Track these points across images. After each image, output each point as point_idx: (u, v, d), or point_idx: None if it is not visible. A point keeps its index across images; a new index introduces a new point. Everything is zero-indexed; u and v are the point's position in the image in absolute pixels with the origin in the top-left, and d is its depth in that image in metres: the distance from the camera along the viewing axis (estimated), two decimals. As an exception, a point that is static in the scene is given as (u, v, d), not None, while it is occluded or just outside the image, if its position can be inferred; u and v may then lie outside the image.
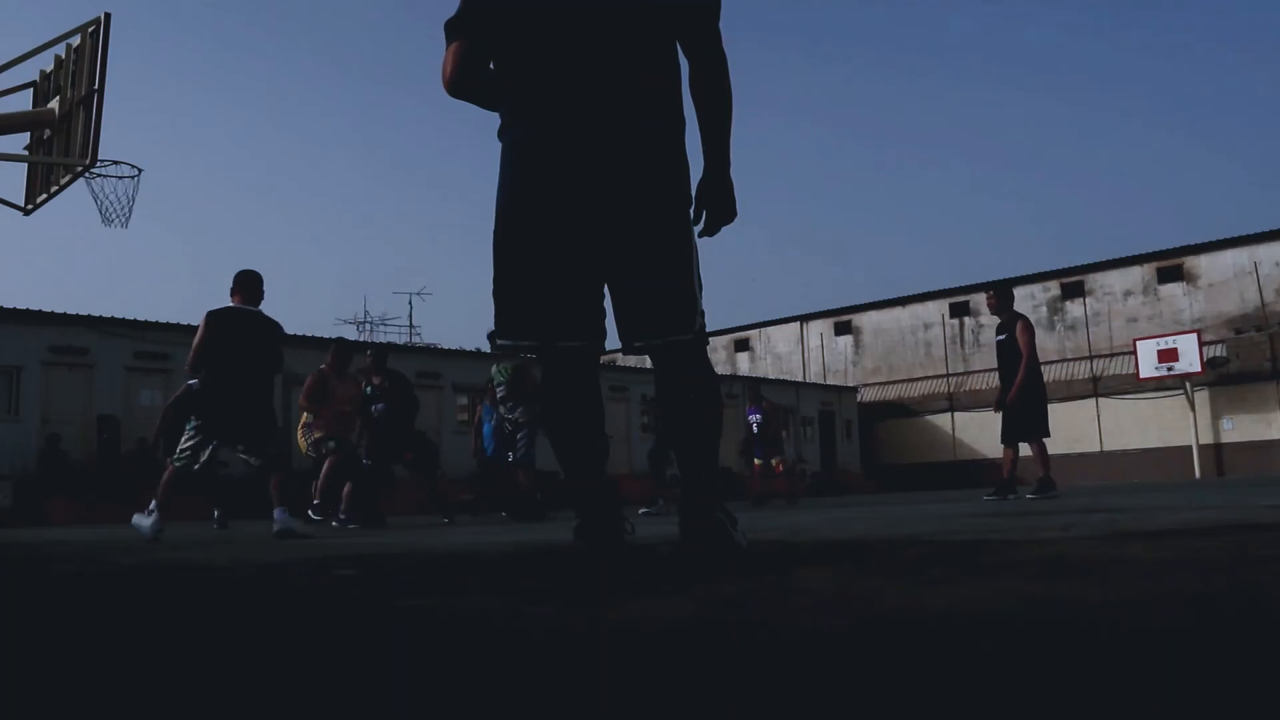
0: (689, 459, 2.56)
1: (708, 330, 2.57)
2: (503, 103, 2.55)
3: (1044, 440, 8.36)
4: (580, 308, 2.48)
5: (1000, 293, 8.74)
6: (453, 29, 2.54)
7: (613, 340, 2.61)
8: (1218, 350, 28.93)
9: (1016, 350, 8.39)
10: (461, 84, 2.53)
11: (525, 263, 2.46)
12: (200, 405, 6.47)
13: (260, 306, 6.58)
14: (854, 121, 78.39)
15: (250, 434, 6.33)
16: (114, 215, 8.86)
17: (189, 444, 6.26)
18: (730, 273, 76.92)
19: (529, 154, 2.47)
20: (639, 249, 2.44)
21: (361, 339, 28.24)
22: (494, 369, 10.24)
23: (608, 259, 2.46)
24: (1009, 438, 8.50)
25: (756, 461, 13.44)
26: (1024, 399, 8.35)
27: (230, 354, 6.34)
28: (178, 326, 20.40)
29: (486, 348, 15.42)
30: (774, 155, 78.52)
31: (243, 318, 6.47)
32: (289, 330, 7.79)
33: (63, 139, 7.34)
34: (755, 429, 13.48)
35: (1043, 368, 8.71)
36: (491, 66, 2.58)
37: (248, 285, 6.62)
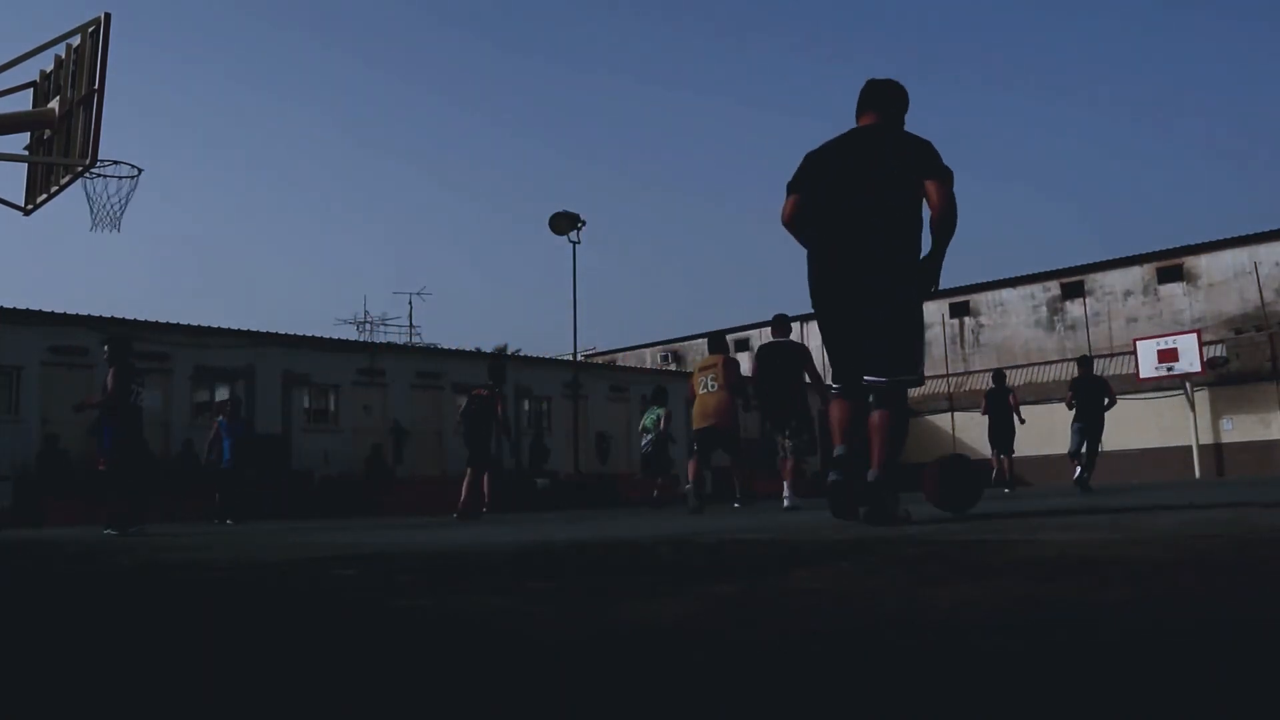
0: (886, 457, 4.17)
1: (710, 330, 2.59)
2: (811, 240, 4.37)
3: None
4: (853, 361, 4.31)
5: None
6: (792, 187, 4.39)
7: (615, 341, 2.61)
8: (1218, 350, 28.90)
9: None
10: (793, 224, 4.39)
11: (825, 333, 4.40)
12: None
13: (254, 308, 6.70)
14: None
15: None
16: (104, 220, 8.79)
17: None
18: (734, 272, 76.93)
19: (823, 273, 4.30)
20: (880, 333, 4.23)
21: (361, 339, 28.25)
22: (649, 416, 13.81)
23: (863, 334, 4.24)
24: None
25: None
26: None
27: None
28: (178, 326, 20.39)
29: (486, 347, 15.62)
30: (774, 152, 78.54)
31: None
32: (287, 329, 7.77)
33: (63, 139, 7.33)
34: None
35: (1044, 368, 9.00)
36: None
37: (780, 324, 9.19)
